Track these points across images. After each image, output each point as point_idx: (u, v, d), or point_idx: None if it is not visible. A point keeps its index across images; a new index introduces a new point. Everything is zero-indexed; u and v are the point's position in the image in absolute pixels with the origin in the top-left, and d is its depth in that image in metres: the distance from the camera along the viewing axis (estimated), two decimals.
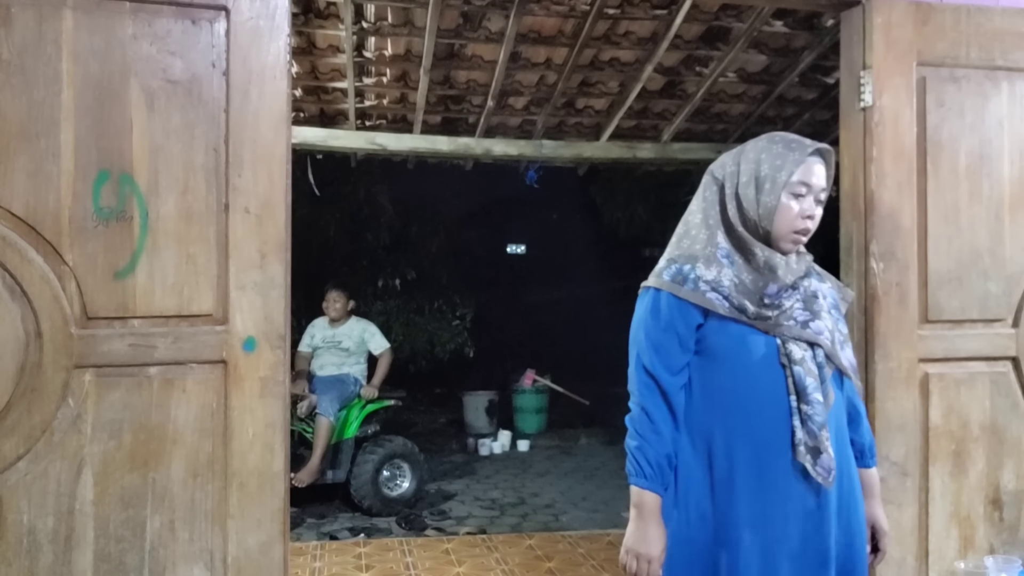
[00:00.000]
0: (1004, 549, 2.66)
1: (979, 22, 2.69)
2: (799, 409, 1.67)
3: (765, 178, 1.72)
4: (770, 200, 1.71)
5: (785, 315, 1.72)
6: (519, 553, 4.34)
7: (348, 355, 5.62)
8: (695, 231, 1.79)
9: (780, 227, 1.72)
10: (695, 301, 1.70)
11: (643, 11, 3.81)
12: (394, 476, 5.53)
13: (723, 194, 1.78)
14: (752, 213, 1.73)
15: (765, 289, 1.71)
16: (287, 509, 2.28)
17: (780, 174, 1.71)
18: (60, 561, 2.07)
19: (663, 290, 1.74)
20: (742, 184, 1.75)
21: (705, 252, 1.74)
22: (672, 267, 1.76)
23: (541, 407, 8.77)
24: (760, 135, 1.84)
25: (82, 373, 2.10)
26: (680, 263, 1.75)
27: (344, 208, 8.45)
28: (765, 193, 1.72)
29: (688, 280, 1.72)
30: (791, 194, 1.71)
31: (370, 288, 8.86)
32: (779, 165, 1.72)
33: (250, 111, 2.22)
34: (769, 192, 1.71)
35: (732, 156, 1.82)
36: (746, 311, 1.70)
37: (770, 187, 1.71)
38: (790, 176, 1.71)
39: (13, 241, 2.05)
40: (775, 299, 1.72)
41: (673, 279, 1.73)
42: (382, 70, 4.33)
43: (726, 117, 4.96)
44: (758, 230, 1.73)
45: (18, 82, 2.06)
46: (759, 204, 1.72)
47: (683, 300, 1.71)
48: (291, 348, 2.49)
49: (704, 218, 1.79)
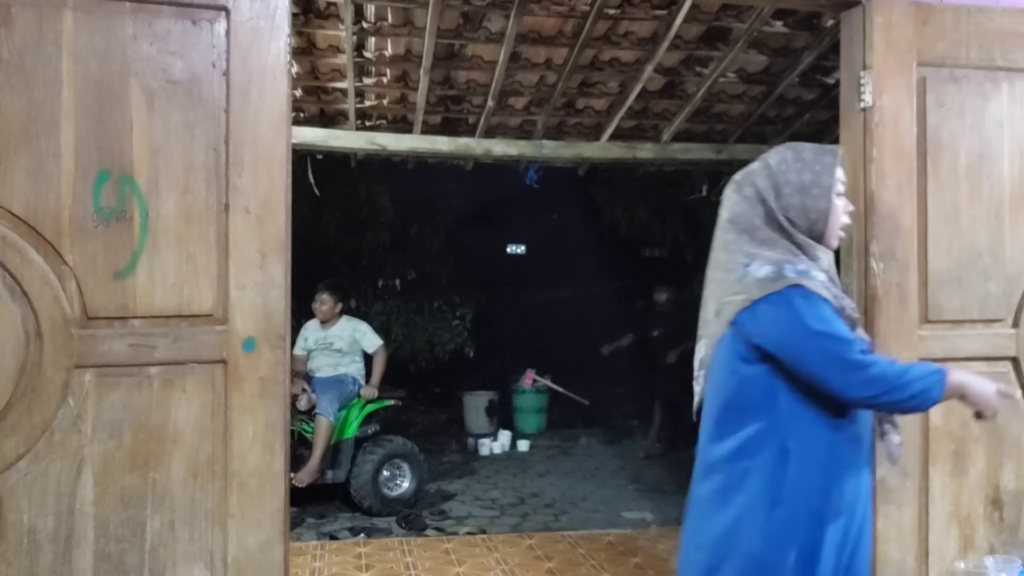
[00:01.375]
0: (1004, 549, 2.66)
1: (979, 22, 2.70)
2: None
3: (811, 184, 1.81)
4: (822, 203, 1.81)
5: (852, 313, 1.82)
6: (519, 553, 4.34)
7: (342, 355, 5.62)
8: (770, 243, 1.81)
9: (832, 227, 1.83)
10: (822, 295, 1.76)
11: (643, 11, 3.81)
12: (394, 476, 5.53)
13: (768, 208, 1.83)
14: (804, 220, 1.81)
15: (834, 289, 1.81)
16: (287, 509, 2.28)
17: (824, 177, 1.81)
18: (60, 561, 2.07)
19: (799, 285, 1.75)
20: (787, 195, 1.82)
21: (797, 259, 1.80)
22: (787, 266, 1.78)
23: (541, 407, 8.77)
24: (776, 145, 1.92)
25: (82, 373, 2.10)
26: (791, 263, 1.78)
27: (344, 208, 8.44)
28: (815, 198, 1.80)
29: (811, 279, 1.77)
30: (837, 193, 1.83)
31: (370, 288, 8.86)
32: (820, 170, 1.82)
33: (250, 111, 2.22)
34: (820, 196, 1.80)
35: (758, 173, 1.87)
36: (844, 310, 1.79)
37: (819, 191, 1.80)
38: (832, 177, 1.82)
39: (13, 241, 2.06)
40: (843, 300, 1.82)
41: (799, 275, 1.76)
42: (382, 70, 4.33)
43: (726, 117, 4.96)
44: (812, 234, 1.82)
45: (18, 82, 2.06)
46: (810, 209, 1.80)
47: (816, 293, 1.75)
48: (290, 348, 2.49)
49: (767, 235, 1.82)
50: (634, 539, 4.54)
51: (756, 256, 1.81)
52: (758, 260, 1.80)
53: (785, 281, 1.75)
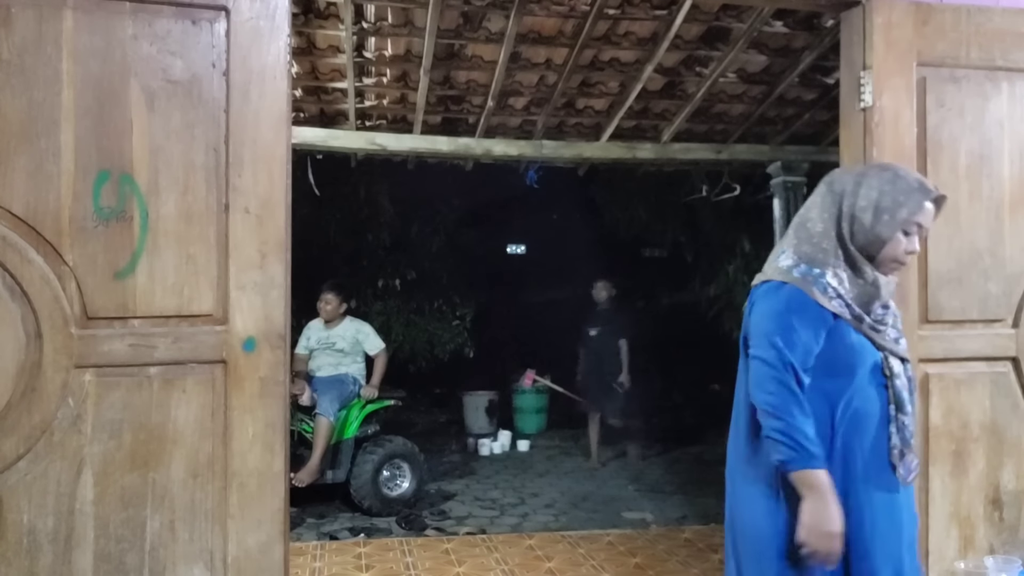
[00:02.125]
0: (1004, 549, 2.66)
1: (979, 22, 2.70)
2: (896, 418, 1.83)
3: (884, 210, 1.83)
4: (886, 232, 1.83)
5: (886, 333, 1.87)
6: (519, 553, 4.34)
7: (344, 355, 5.63)
8: (817, 239, 1.86)
9: (885, 256, 1.85)
10: (824, 305, 1.79)
11: (643, 11, 3.81)
12: (394, 476, 5.53)
13: (840, 210, 1.86)
14: (862, 236, 1.84)
15: (870, 304, 1.85)
16: (287, 509, 2.28)
17: (901, 211, 1.82)
18: (60, 561, 2.07)
19: (797, 287, 1.81)
20: (860, 207, 1.84)
21: (830, 261, 1.84)
22: (801, 266, 1.84)
23: (541, 407, 8.78)
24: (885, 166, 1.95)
25: (82, 373, 2.10)
26: (808, 264, 1.84)
27: (344, 208, 8.45)
28: (882, 224, 1.83)
29: (818, 283, 1.81)
30: (904, 231, 1.84)
31: (370, 288, 8.86)
32: (901, 201, 1.83)
33: (250, 111, 2.22)
34: (886, 224, 1.83)
35: (853, 176, 1.91)
36: (863, 321, 1.83)
37: (888, 219, 1.82)
38: (910, 215, 1.83)
39: (13, 241, 2.06)
40: (879, 315, 1.87)
41: (804, 277, 1.82)
42: (382, 70, 4.33)
43: (726, 117, 4.96)
44: (864, 252, 1.85)
45: (18, 82, 2.06)
46: (872, 231, 1.83)
47: (815, 301, 1.79)
48: (290, 348, 2.49)
49: (825, 229, 1.86)
50: (634, 539, 4.53)
51: (792, 248, 1.88)
52: (789, 252, 1.88)
53: (790, 277, 1.82)
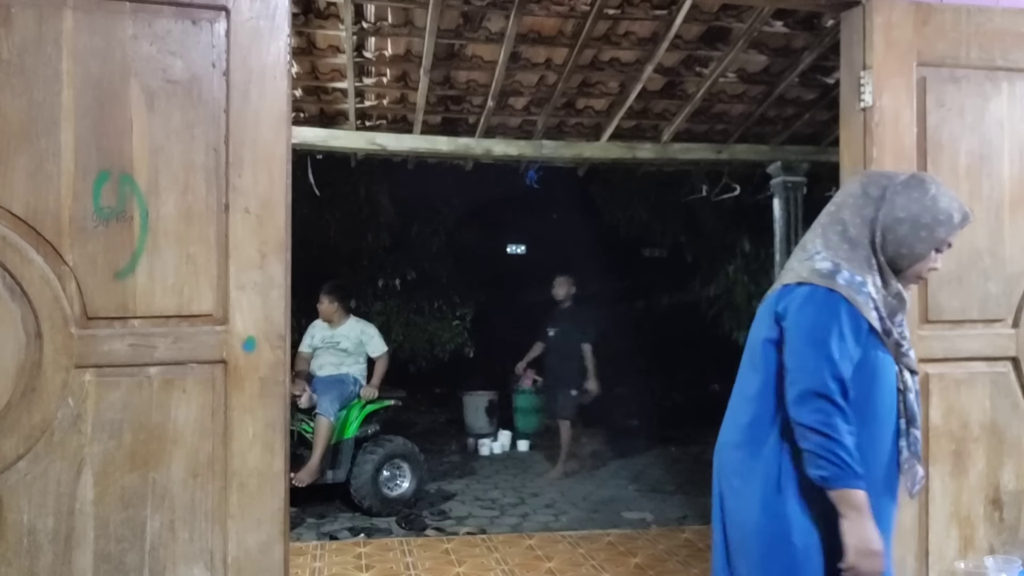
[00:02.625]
0: (1004, 549, 2.66)
1: (979, 22, 2.69)
2: (908, 432, 1.83)
3: (924, 226, 1.80)
4: (921, 248, 1.81)
5: (904, 344, 1.85)
6: (519, 553, 4.34)
7: (347, 355, 5.63)
8: (851, 243, 1.82)
9: (913, 272, 1.84)
10: (866, 316, 1.76)
11: (643, 11, 3.81)
12: (394, 476, 5.53)
13: (876, 216, 1.82)
14: (893, 248, 1.81)
15: (894, 317, 1.82)
16: (287, 509, 2.28)
17: (939, 230, 1.81)
18: (60, 561, 2.07)
19: (844, 296, 1.76)
20: (896, 219, 1.80)
21: (865, 268, 1.80)
22: (844, 272, 1.79)
23: (541, 407, 8.77)
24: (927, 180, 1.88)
25: (82, 373, 2.10)
26: (851, 271, 1.79)
27: (344, 208, 8.45)
28: (920, 240, 1.80)
29: (861, 292, 1.77)
30: (936, 249, 1.83)
31: (370, 288, 8.87)
32: (942, 220, 1.81)
33: (250, 111, 2.22)
34: (924, 241, 1.80)
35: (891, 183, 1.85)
36: (890, 334, 1.80)
37: (926, 236, 1.80)
38: (947, 236, 1.82)
39: (13, 241, 2.06)
40: (900, 328, 1.84)
41: (849, 286, 1.77)
42: (382, 70, 4.33)
43: (726, 117, 4.96)
44: (892, 263, 1.82)
45: (18, 82, 2.06)
46: (907, 245, 1.80)
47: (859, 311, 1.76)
48: (291, 348, 2.49)
49: (859, 234, 1.83)
50: (634, 539, 4.53)
51: (829, 250, 1.83)
52: (826, 254, 1.82)
53: (834, 284, 1.76)
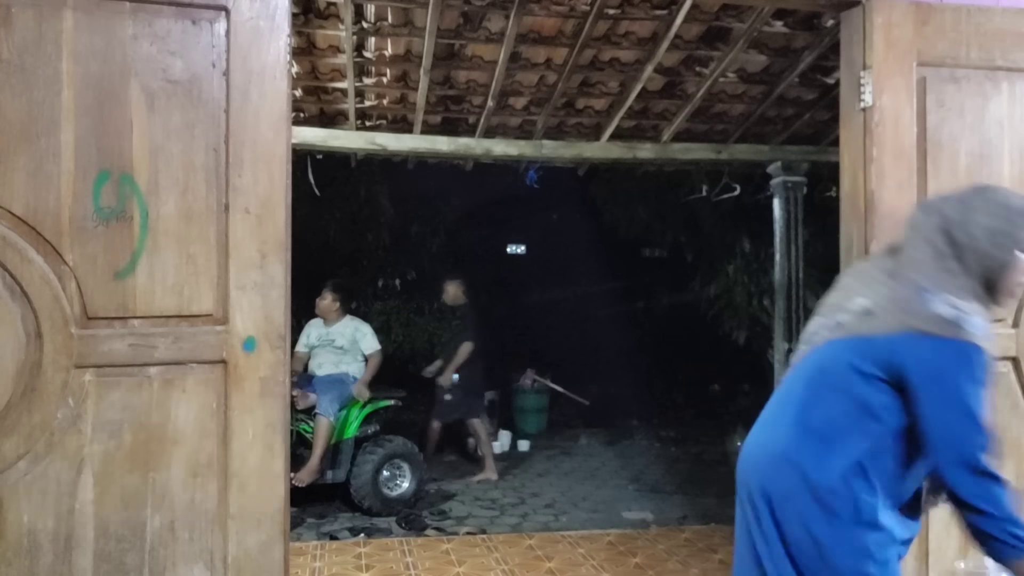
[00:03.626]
0: None
1: (979, 22, 2.69)
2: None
3: (999, 232, 1.70)
4: (1004, 255, 1.70)
5: None
6: (519, 553, 4.34)
7: (344, 353, 5.64)
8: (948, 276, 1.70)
9: (1009, 281, 1.72)
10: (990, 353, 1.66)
11: (643, 11, 3.81)
12: (394, 476, 5.53)
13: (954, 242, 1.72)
14: (977, 265, 1.70)
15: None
16: (287, 509, 2.28)
17: (1020, 232, 1.71)
18: (60, 561, 2.07)
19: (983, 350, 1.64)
20: (974, 236, 1.71)
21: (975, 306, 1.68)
22: (976, 319, 1.66)
23: (541, 407, 8.78)
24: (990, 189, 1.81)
25: (82, 373, 2.10)
26: (972, 313, 1.66)
27: (344, 208, 8.46)
28: (999, 247, 1.70)
29: (979, 329, 1.65)
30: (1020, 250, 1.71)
31: (370, 288, 8.87)
32: (1020, 223, 1.71)
33: (250, 111, 2.22)
34: (1004, 247, 1.70)
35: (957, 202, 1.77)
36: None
37: (1006, 241, 1.70)
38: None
39: (13, 241, 2.06)
40: None
41: (984, 334, 1.65)
42: (382, 70, 4.33)
43: (726, 117, 4.95)
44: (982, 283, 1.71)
45: (18, 82, 2.06)
46: (988, 256, 1.70)
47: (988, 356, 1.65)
48: (291, 349, 2.49)
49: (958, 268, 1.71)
50: (634, 539, 4.54)
51: (940, 288, 1.68)
52: (941, 295, 1.67)
53: (965, 334, 1.63)
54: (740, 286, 7.21)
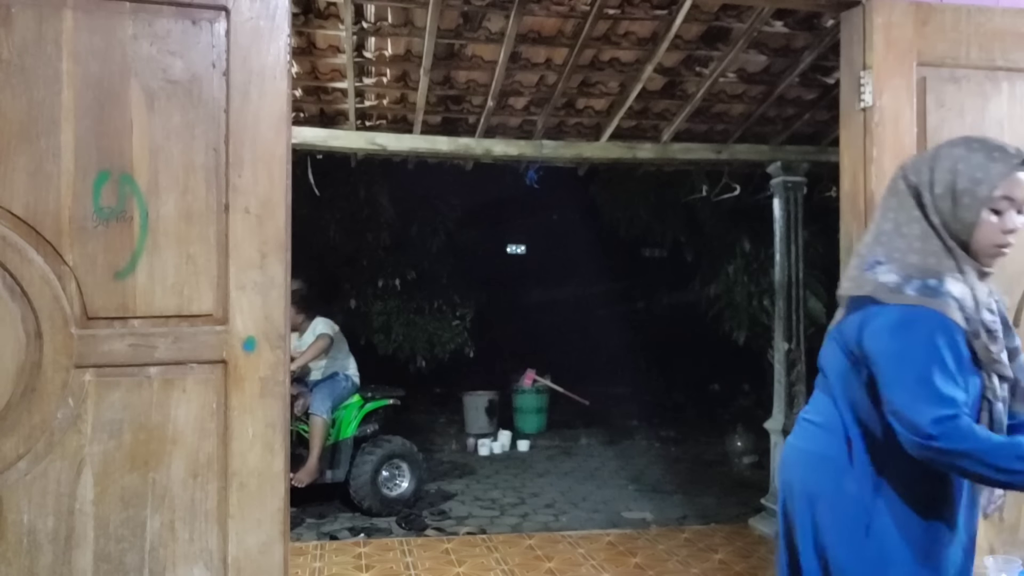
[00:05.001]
0: (1004, 549, 2.65)
1: (979, 22, 2.69)
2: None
3: (963, 192, 1.61)
4: (968, 216, 1.61)
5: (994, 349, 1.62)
6: (519, 553, 4.34)
7: (323, 354, 5.59)
8: (908, 240, 1.65)
9: (980, 242, 1.63)
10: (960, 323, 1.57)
11: (643, 11, 3.81)
12: (393, 476, 5.53)
13: (922, 203, 1.66)
14: (950, 226, 1.63)
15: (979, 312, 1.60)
16: (287, 509, 2.28)
17: (980, 188, 1.60)
18: (60, 561, 2.07)
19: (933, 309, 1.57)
20: (937, 195, 1.63)
21: (948, 266, 1.61)
22: (914, 281, 1.60)
23: (541, 407, 8.78)
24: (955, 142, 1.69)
25: (82, 373, 2.10)
26: (921, 277, 1.60)
27: (344, 208, 8.45)
28: (963, 208, 1.61)
29: (939, 295, 1.58)
30: (991, 209, 1.61)
31: (370, 288, 8.87)
32: (979, 178, 1.60)
33: (250, 111, 2.22)
34: (968, 208, 1.61)
35: (926, 161, 1.70)
36: (979, 337, 1.59)
37: (969, 202, 1.61)
38: (992, 191, 1.60)
39: (13, 241, 2.06)
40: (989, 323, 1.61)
41: (922, 293, 1.58)
42: (382, 70, 4.33)
43: (726, 117, 4.95)
44: (958, 243, 1.63)
45: (18, 82, 2.06)
46: (955, 218, 1.62)
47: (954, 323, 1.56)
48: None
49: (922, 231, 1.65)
50: (634, 539, 4.54)
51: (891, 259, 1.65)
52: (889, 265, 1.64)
53: (908, 298, 1.58)
54: (740, 286, 7.21)
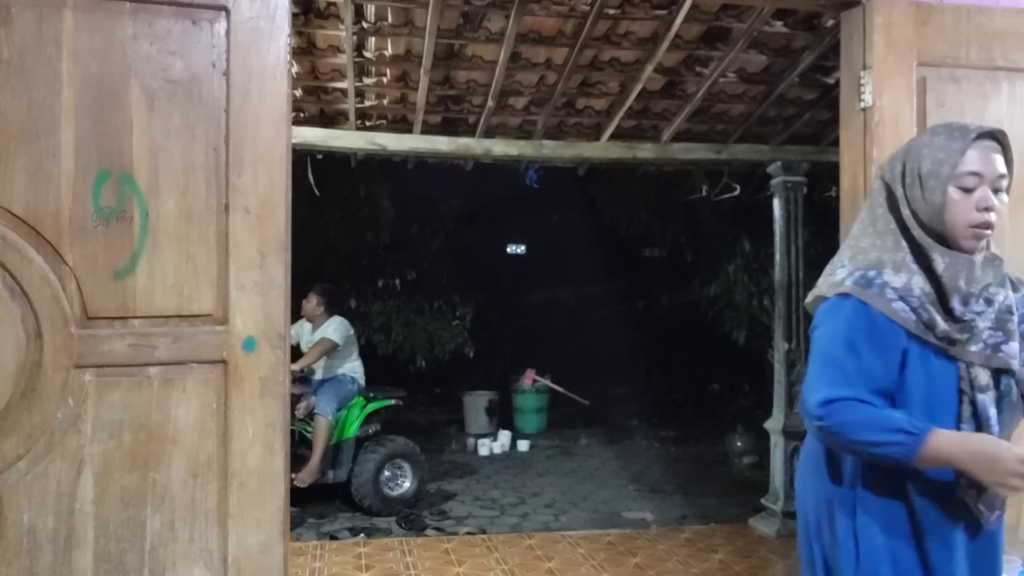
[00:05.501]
0: (1004, 549, 2.65)
1: (979, 22, 2.69)
2: None
3: (928, 175, 1.61)
4: (935, 197, 1.59)
5: (976, 338, 1.58)
6: (519, 553, 4.34)
7: (336, 354, 5.60)
8: (872, 238, 1.66)
9: (953, 224, 1.60)
10: (884, 311, 1.56)
11: (643, 11, 3.81)
12: (395, 476, 5.54)
13: (893, 197, 1.66)
14: (923, 214, 1.62)
15: (951, 302, 1.58)
16: (287, 509, 2.28)
17: (943, 168, 1.59)
18: (60, 561, 2.07)
19: (859, 299, 1.58)
20: (908, 185, 1.64)
21: (894, 258, 1.62)
22: (856, 273, 1.62)
23: (541, 407, 8.78)
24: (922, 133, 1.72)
25: (82, 373, 2.10)
26: (864, 269, 1.62)
27: (344, 208, 8.45)
28: (929, 191, 1.60)
29: (872, 285, 1.58)
30: (958, 187, 1.59)
31: (370, 288, 8.87)
32: (941, 159, 1.60)
33: (250, 111, 2.22)
34: (933, 189, 1.59)
35: (898, 157, 1.71)
36: (934, 328, 1.56)
37: (934, 183, 1.59)
38: (954, 168, 1.59)
39: (13, 241, 2.05)
40: (964, 314, 1.58)
41: (857, 283, 1.60)
42: (382, 70, 4.33)
43: (726, 117, 4.96)
44: (932, 232, 1.61)
45: (18, 82, 2.06)
46: (926, 203, 1.61)
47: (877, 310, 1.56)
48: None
49: (885, 224, 1.66)
50: (634, 539, 4.54)
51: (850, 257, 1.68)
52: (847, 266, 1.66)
53: (831, 290, 1.63)
54: (740, 286, 7.22)
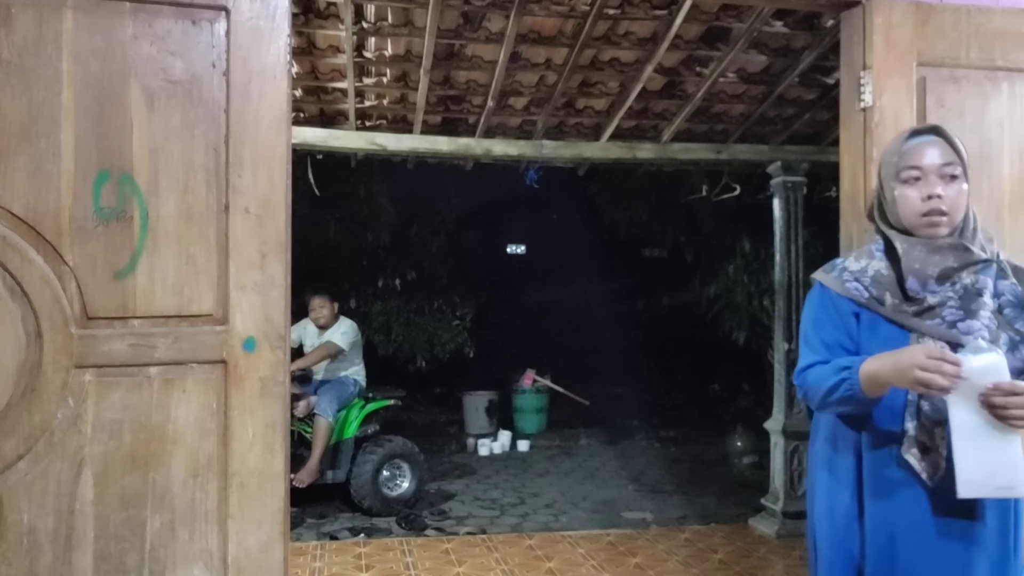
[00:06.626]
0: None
1: (979, 22, 2.69)
2: (918, 404, 1.69)
3: (883, 178, 1.86)
4: (888, 195, 1.84)
5: (931, 313, 1.74)
6: (519, 553, 4.34)
7: (340, 356, 5.60)
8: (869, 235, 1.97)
9: (906, 216, 1.80)
10: (836, 288, 1.83)
11: (643, 11, 3.81)
12: (394, 476, 5.54)
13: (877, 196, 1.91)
14: (889, 212, 1.85)
15: (906, 283, 1.76)
16: (287, 509, 2.28)
17: (889, 169, 1.84)
18: (60, 561, 2.07)
19: (817, 281, 1.92)
20: (879, 188, 1.88)
21: (867, 248, 1.89)
22: (828, 264, 1.94)
23: (541, 407, 8.78)
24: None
25: (82, 373, 2.10)
26: (837, 260, 1.93)
27: (344, 208, 8.45)
28: (886, 191, 1.85)
29: (834, 269, 1.89)
30: (902, 182, 1.81)
31: (370, 288, 8.87)
32: (887, 161, 1.85)
33: (250, 111, 2.22)
34: (886, 188, 1.84)
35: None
36: (883, 302, 1.78)
37: (886, 184, 1.85)
38: (896, 167, 1.82)
39: (13, 241, 2.05)
40: (919, 293, 1.75)
41: (823, 270, 1.92)
42: (382, 70, 4.33)
43: (726, 117, 4.95)
44: (897, 226, 1.83)
45: (18, 82, 2.06)
46: (887, 201, 1.85)
47: (830, 288, 1.85)
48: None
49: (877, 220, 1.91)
50: (634, 539, 4.54)
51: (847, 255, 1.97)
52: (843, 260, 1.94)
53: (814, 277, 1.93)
54: (740, 286, 7.21)
